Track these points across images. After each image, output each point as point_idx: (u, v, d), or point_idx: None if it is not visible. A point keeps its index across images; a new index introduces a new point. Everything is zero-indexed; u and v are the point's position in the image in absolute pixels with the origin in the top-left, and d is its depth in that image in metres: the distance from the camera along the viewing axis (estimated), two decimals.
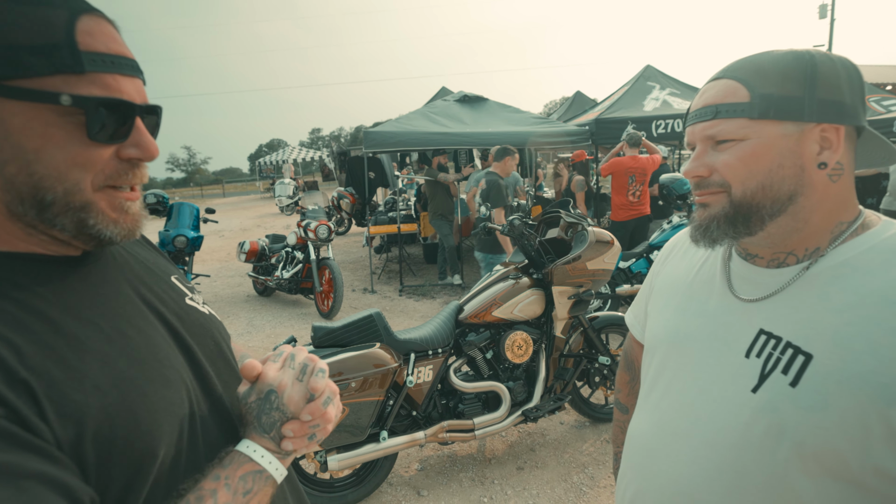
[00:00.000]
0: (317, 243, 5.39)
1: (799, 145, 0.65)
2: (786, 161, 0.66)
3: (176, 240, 5.31)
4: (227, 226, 13.43)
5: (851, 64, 0.67)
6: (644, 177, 5.11)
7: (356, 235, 10.76)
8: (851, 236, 0.68)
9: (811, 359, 0.63)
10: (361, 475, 2.46)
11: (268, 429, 0.62)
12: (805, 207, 0.68)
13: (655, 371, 0.85)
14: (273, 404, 0.62)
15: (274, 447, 0.62)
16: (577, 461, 2.71)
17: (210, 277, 7.29)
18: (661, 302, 0.90)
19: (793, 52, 0.67)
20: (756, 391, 0.67)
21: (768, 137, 0.66)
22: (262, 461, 0.60)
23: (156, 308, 0.63)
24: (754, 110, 0.65)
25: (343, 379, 2.16)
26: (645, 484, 0.81)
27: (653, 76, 7.78)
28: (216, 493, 0.55)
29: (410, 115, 6.60)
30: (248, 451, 0.61)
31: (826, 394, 0.61)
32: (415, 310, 5.55)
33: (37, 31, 0.49)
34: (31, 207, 0.51)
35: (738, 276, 0.76)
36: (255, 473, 0.59)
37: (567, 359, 2.81)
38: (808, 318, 0.65)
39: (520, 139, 6.03)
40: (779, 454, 0.64)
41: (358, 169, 8.91)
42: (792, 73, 0.65)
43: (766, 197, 0.67)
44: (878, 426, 0.58)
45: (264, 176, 28.66)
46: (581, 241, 2.71)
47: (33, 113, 0.49)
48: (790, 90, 0.65)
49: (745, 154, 0.67)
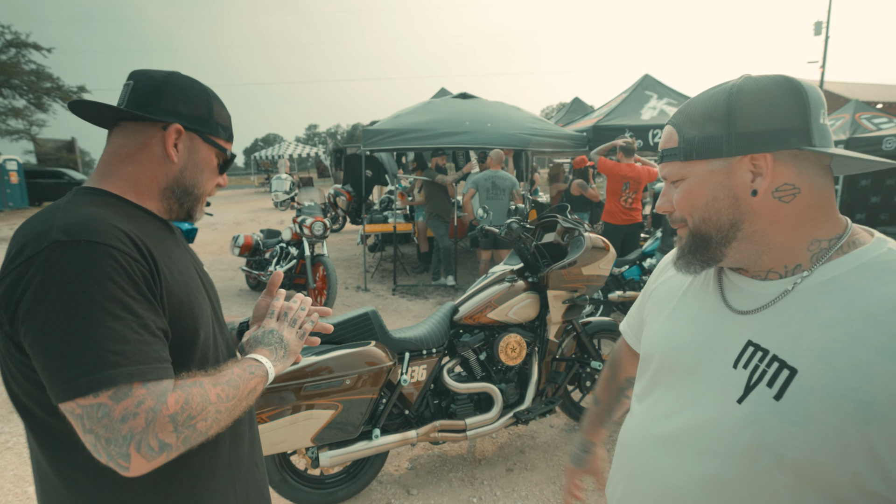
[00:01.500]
0: (312, 240, 5.38)
1: (729, 178, 0.71)
2: (719, 193, 0.72)
3: None
4: (221, 219, 13.35)
5: (794, 87, 0.68)
6: (638, 185, 5.16)
7: (351, 233, 10.74)
8: (838, 253, 0.69)
9: (796, 373, 0.64)
10: (352, 472, 2.47)
11: (268, 344, 0.96)
12: (756, 232, 0.72)
13: (650, 377, 0.88)
14: (273, 335, 0.99)
15: (268, 354, 0.94)
16: (567, 464, 2.74)
17: None
18: (657, 310, 0.92)
19: (715, 91, 0.72)
20: (741, 402, 0.69)
21: (699, 175, 0.73)
22: (261, 359, 0.92)
23: (193, 260, 1.00)
24: (681, 153, 0.74)
25: (337, 376, 2.17)
26: (633, 485, 0.83)
27: (651, 86, 7.85)
28: (232, 368, 0.87)
29: (409, 113, 6.59)
30: (252, 355, 0.93)
31: (808, 409, 0.62)
32: (408, 309, 5.56)
33: (224, 118, 0.98)
34: (182, 192, 0.94)
35: (731, 286, 0.78)
36: (257, 365, 0.90)
37: (559, 362, 2.83)
38: (795, 333, 0.67)
39: (519, 140, 6.06)
40: (760, 464, 0.66)
41: (356, 167, 8.91)
42: (712, 113, 0.71)
43: (710, 227, 0.74)
44: (857, 442, 0.59)
45: (260, 170, 28.51)
46: (577, 246, 2.74)
47: (209, 152, 0.96)
48: (710, 130, 0.71)
49: (685, 191, 0.75)
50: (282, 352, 0.97)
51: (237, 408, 0.84)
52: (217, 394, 0.79)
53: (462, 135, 5.98)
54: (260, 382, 0.89)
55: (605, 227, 5.36)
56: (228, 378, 0.83)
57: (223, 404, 0.80)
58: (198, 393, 0.77)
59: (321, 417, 2.15)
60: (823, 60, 20.11)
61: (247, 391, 0.86)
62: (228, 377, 0.83)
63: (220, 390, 0.80)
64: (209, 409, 0.77)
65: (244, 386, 0.85)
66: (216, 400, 0.79)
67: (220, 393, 0.80)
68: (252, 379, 0.87)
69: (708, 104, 0.71)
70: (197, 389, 0.77)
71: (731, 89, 0.70)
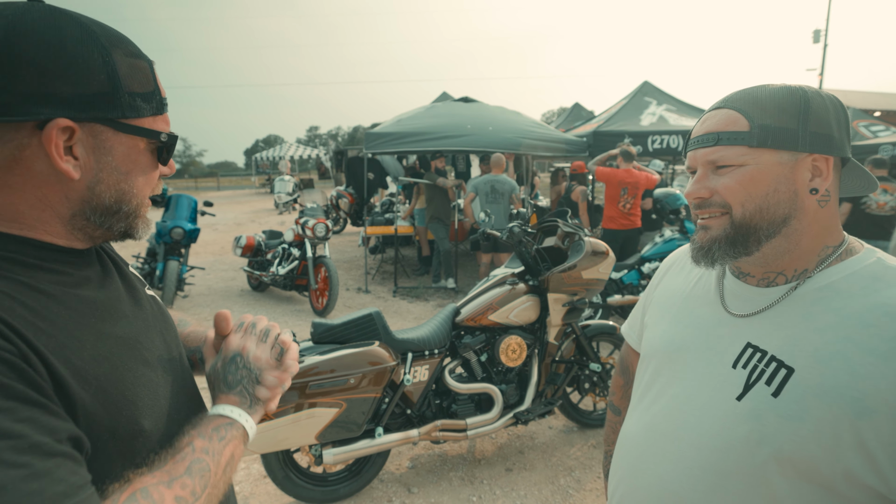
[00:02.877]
0: (314, 241, 5.43)
1: (793, 172, 0.72)
2: (781, 186, 0.72)
3: (173, 231, 5.32)
4: (222, 219, 13.39)
5: (839, 101, 0.74)
6: (636, 190, 5.21)
7: (352, 235, 10.79)
8: (836, 260, 0.74)
9: (793, 372, 0.69)
10: (354, 470, 2.51)
11: (233, 385, 0.70)
12: (797, 230, 0.74)
13: (650, 377, 0.91)
14: (238, 364, 0.71)
15: (239, 402, 0.69)
16: (565, 464, 2.78)
17: (205, 270, 7.29)
18: (658, 313, 0.96)
19: (788, 88, 0.74)
20: (741, 399, 0.73)
21: (765, 164, 0.72)
22: (231, 414, 0.67)
23: (134, 295, 0.70)
24: (753, 139, 0.72)
25: (341, 375, 2.21)
26: (633, 482, 0.86)
27: (650, 92, 7.94)
28: (193, 442, 0.62)
29: (412, 116, 6.65)
30: (216, 410, 0.68)
31: (804, 405, 0.67)
32: (408, 311, 5.60)
33: (144, 81, 0.61)
34: (102, 215, 0.62)
35: (731, 292, 0.82)
36: (227, 424, 0.66)
37: (559, 364, 2.88)
38: (792, 335, 0.71)
39: (519, 144, 6.12)
40: (758, 457, 0.69)
41: (357, 169, 8.96)
42: (787, 107, 0.72)
43: (763, 219, 0.73)
44: (849, 435, 0.63)
45: (260, 171, 28.57)
46: (577, 250, 2.79)
47: (132, 144, 0.62)
48: (785, 122, 0.71)
49: (745, 178, 0.73)
50: (255, 388, 0.71)
51: (213, 497, 0.61)
52: (176, 496, 0.56)
53: (463, 138, 6.04)
54: (237, 447, 0.66)
55: (604, 232, 5.41)
56: (190, 462, 0.59)
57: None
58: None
59: (325, 416, 2.19)
60: (822, 68, 20.24)
61: (221, 469, 0.62)
62: (189, 461, 0.59)
63: (181, 488, 0.56)
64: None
65: (217, 464, 0.62)
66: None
67: (181, 493, 0.56)
68: (225, 447, 0.64)
69: (780, 97, 0.72)
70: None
71: (803, 89, 0.73)
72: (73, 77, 0.54)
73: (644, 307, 1.05)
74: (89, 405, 0.55)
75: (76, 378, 0.54)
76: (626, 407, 1.14)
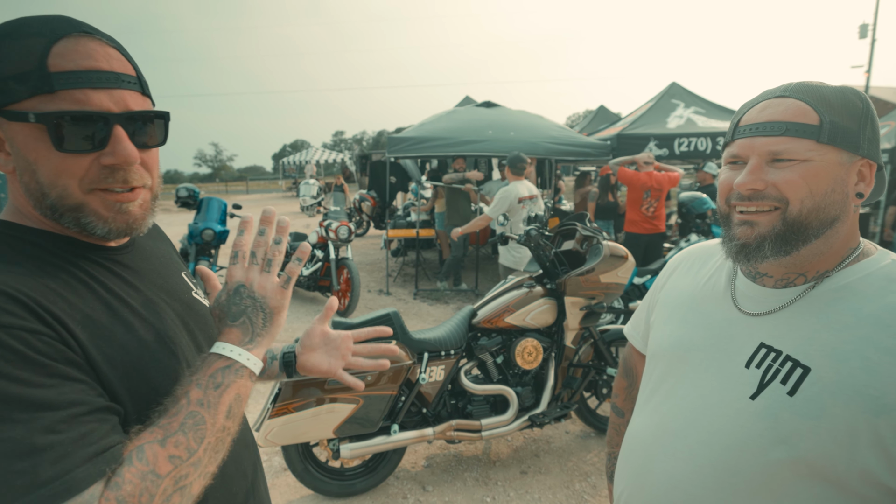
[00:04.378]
0: (337, 243, 5.54)
1: (847, 174, 0.71)
2: (837, 187, 0.71)
3: (204, 232, 5.51)
4: None
5: None
6: (660, 193, 5.13)
7: (374, 238, 10.92)
8: (853, 262, 0.75)
9: (809, 371, 0.69)
10: (370, 466, 2.56)
11: (237, 315, 0.69)
12: (837, 232, 0.74)
13: (658, 378, 0.91)
14: (243, 295, 0.70)
15: (241, 336, 0.68)
16: (581, 470, 2.77)
17: None
18: (665, 314, 0.95)
19: (850, 89, 0.73)
20: (754, 398, 0.73)
21: (829, 163, 0.70)
22: (231, 354, 0.66)
23: (170, 295, 0.75)
24: (824, 135, 0.69)
25: (358, 372, 2.26)
26: (641, 480, 0.86)
27: (678, 93, 7.80)
28: (188, 393, 0.62)
29: (433, 121, 6.73)
30: (216, 348, 0.67)
31: (821, 403, 0.67)
32: (428, 313, 5.65)
33: (17, 62, 0.58)
34: (45, 207, 0.63)
35: (742, 293, 0.83)
36: (225, 369, 0.65)
37: (576, 368, 2.87)
38: (808, 336, 0.72)
39: (541, 149, 6.11)
40: (771, 456, 0.70)
41: (380, 173, 9.08)
42: (852, 108, 0.71)
43: (817, 218, 0.71)
44: (866, 434, 0.64)
45: (287, 175, 29.17)
46: (595, 254, 2.78)
47: (27, 131, 0.59)
48: (850, 123, 0.70)
49: (809, 174, 0.70)
50: (260, 316, 0.70)
51: (214, 450, 0.62)
52: (169, 455, 0.57)
53: (484, 143, 6.07)
54: (241, 387, 0.66)
55: (627, 236, 5.35)
56: (182, 418, 0.60)
57: (186, 465, 0.58)
58: (135, 476, 0.55)
59: (343, 411, 2.25)
60: (869, 65, 19.43)
61: (222, 417, 0.62)
62: (182, 417, 0.60)
63: (174, 446, 0.58)
64: (163, 486, 0.56)
65: (214, 415, 0.62)
66: (171, 467, 0.57)
67: (175, 451, 0.58)
68: (223, 394, 0.63)
69: (845, 96, 0.71)
70: (133, 470, 0.56)
71: (859, 92, 0.73)
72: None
73: (649, 308, 1.05)
74: (116, 387, 0.61)
75: (106, 363, 0.60)
76: (629, 409, 1.13)
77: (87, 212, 0.63)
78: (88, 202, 0.63)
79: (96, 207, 0.63)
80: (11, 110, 0.58)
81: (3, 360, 0.52)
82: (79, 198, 0.62)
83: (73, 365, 0.57)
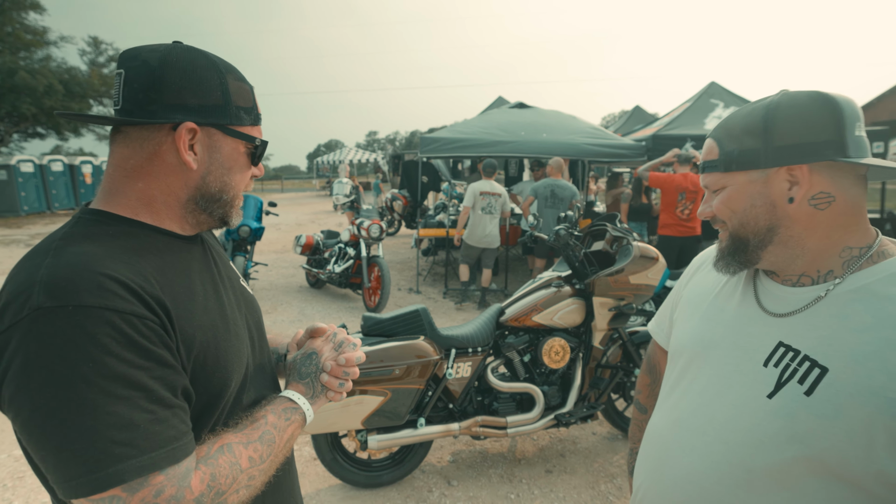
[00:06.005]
0: (368, 241, 5.65)
1: (766, 187, 0.77)
2: (756, 201, 0.78)
3: (241, 229, 5.72)
4: (284, 220, 14.11)
5: (830, 102, 0.73)
6: (695, 195, 4.98)
7: (405, 237, 11.04)
8: (868, 263, 0.74)
9: (826, 372, 0.70)
10: (397, 459, 2.62)
11: (304, 375, 0.87)
12: (792, 237, 0.77)
13: (678, 374, 0.92)
14: (312, 360, 0.88)
15: (305, 391, 0.85)
16: (607, 471, 2.75)
17: (267, 266, 7.73)
18: (687, 311, 0.97)
19: (753, 107, 0.78)
20: (772, 397, 0.74)
21: (738, 184, 0.80)
22: (297, 400, 0.83)
23: (228, 282, 0.86)
24: (721, 165, 0.81)
25: (388, 365, 2.33)
26: (659, 475, 0.88)
27: (717, 93, 7.58)
28: (266, 416, 0.78)
29: (466, 122, 6.78)
30: (287, 393, 0.84)
31: (838, 404, 0.67)
32: (457, 313, 5.69)
33: (246, 98, 0.79)
34: (208, 201, 0.78)
35: (765, 291, 0.83)
36: (292, 409, 0.81)
37: (604, 369, 2.86)
38: (827, 336, 0.72)
39: (574, 150, 6.06)
40: (787, 454, 0.71)
41: (412, 172, 9.18)
42: (752, 128, 0.77)
43: (748, 231, 0.80)
44: (883, 435, 0.64)
45: (321, 175, 29.77)
46: (625, 254, 2.76)
47: (234, 146, 0.78)
48: (748, 144, 0.77)
49: (726, 198, 0.82)
50: (320, 384, 0.87)
51: (273, 465, 0.75)
52: (250, 456, 0.71)
53: (516, 143, 6.07)
54: (297, 428, 0.80)
55: (660, 239, 5.24)
56: (262, 432, 0.74)
57: (257, 468, 0.71)
58: (226, 462, 0.67)
59: (371, 403, 2.31)
60: None
61: (283, 443, 0.77)
62: (262, 431, 0.74)
63: (253, 451, 0.71)
64: (241, 478, 0.68)
65: (280, 438, 0.76)
66: (248, 465, 0.70)
67: (253, 454, 0.71)
68: (289, 426, 0.78)
69: (746, 119, 0.78)
70: (225, 458, 0.68)
71: (768, 105, 0.76)
72: (198, 93, 0.73)
73: (673, 305, 1.06)
74: (192, 364, 0.70)
75: (185, 343, 0.69)
76: (652, 405, 1.14)
77: (235, 206, 0.83)
78: (238, 202, 0.83)
79: (238, 203, 0.84)
80: (234, 129, 0.77)
81: (115, 341, 0.60)
82: (239, 198, 0.83)
83: (168, 349, 0.65)
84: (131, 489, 0.58)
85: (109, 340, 0.59)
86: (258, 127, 0.82)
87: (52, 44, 20.93)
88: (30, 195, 15.53)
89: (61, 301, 0.59)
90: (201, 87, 0.73)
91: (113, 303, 0.61)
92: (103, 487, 0.57)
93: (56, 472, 0.58)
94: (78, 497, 0.58)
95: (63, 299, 0.59)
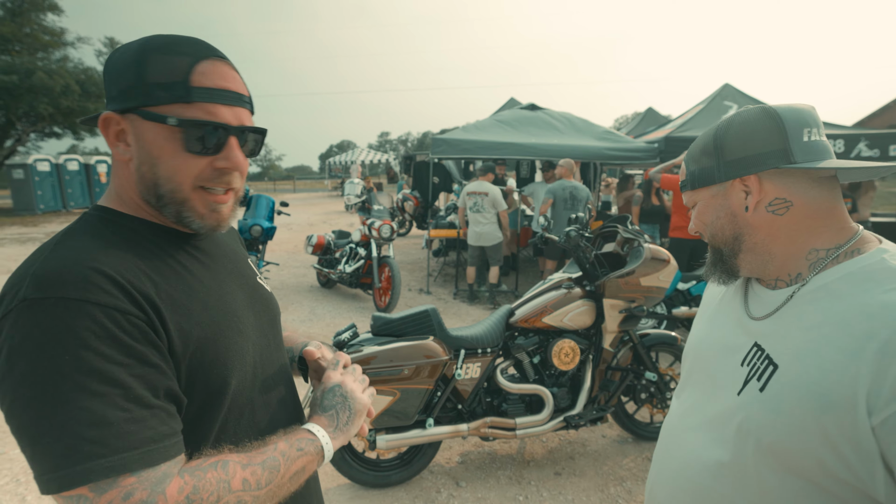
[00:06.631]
0: (379, 241, 5.67)
1: (726, 199, 0.83)
2: (720, 213, 0.85)
3: (252, 228, 5.78)
4: (296, 220, 14.22)
5: (770, 114, 0.77)
6: None
7: (416, 238, 11.07)
8: (833, 262, 0.75)
9: (777, 369, 0.74)
10: (406, 459, 2.62)
11: (328, 408, 0.83)
12: (757, 243, 0.82)
13: (685, 375, 0.99)
14: (336, 393, 0.84)
15: (327, 424, 0.81)
16: (616, 474, 2.73)
17: (279, 266, 7.80)
18: (699, 315, 1.04)
19: (709, 129, 0.85)
20: (739, 394, 0.79)
21: (704, 200, 0.87)
22: (316, 433, 0.78)
23: (239, 279, 0.84)
24: (687, 185, 0.89)
25: (397, 365, 2.34)
26: (661, 469, 0.95)
27: (731, 95, 7.49)
28: (278, 443, 0.73)
29: (478, 124, 6.77)
30: (307, 426, 0.79)
31: (782, 399, 0.71)
32: (467, 313, 5.69)
33: (165, 73, 0.68)
34: (152, 196, 0.72)
35: (753, 295, 0.88)
36: (309, 440, 0.76)
37: (614, 372, 2.84)
38: (784, 335, 0.76)
39: (585, 152, 6.03)
40: (748, 448, 0.75)
41: (424, 173, 9.20)
42: (706, 148, 0.84)
43: (719, 241, 0.87)
44: (815, 429, 0.67)
45: (333, 175, 29.95)
46: (636, 256, 2.74)
47: (157, 130, 0.68)
48: (705, 163, 0.84)
49: (698, 213, 0.90)
50: (346, 414, 0.83)
51: (274, 495, 0.69)
52: (244, 479, 0.65)
53: (527, 145, 6.05)
54: (311, 462, 0.75)
55: (672, 242, 5.19)
56: (267, 457, 0.69)
57: (250, 493, 0.66)
58: (214, 479, 0.63)
59: (380, 402, 2.32)
60: None
61: (290, 474, 0.71)
62: (267, 456, 0.70)
63: (251, 474, 0.66)
64: (228, 498, 0.63)
65: (286, 468, 0.71)
66: (240, 488, 0.65)
67: (249, 478, 0.66)
68: (300, 458, 0.73)
69: (703, 140, 0.85)
70: (215, 474, 0.64)
71: (719, 125, 0.83)
72: (117, 79, 0.69)
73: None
74: (189, 361, 0.68)
75: (181, 339, 0.67)
76: None
77: (188, 207, 0.72)
78: (192, 199, 0.72)
79: (196, 205, 0.73)
80: (149, 111, 0.68)
81: (94, 335, 0.58)
82: (187, 194, 0.71)
83: (154, 347, 0.63)
84: (99, 489, 0.56)
85: (88, 334, 0.58)
86: (199, 104, 0.68)
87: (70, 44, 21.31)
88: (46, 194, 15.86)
89: (45, 293, 0.59)
90: (120, 73, 0.69)
91: (96, 296, 0.60)
92: (70, 485, 0.56)
93: (32, 466, 0.58)
94: (48, 493, 0.57)
95: (47, 291, 0.59)
